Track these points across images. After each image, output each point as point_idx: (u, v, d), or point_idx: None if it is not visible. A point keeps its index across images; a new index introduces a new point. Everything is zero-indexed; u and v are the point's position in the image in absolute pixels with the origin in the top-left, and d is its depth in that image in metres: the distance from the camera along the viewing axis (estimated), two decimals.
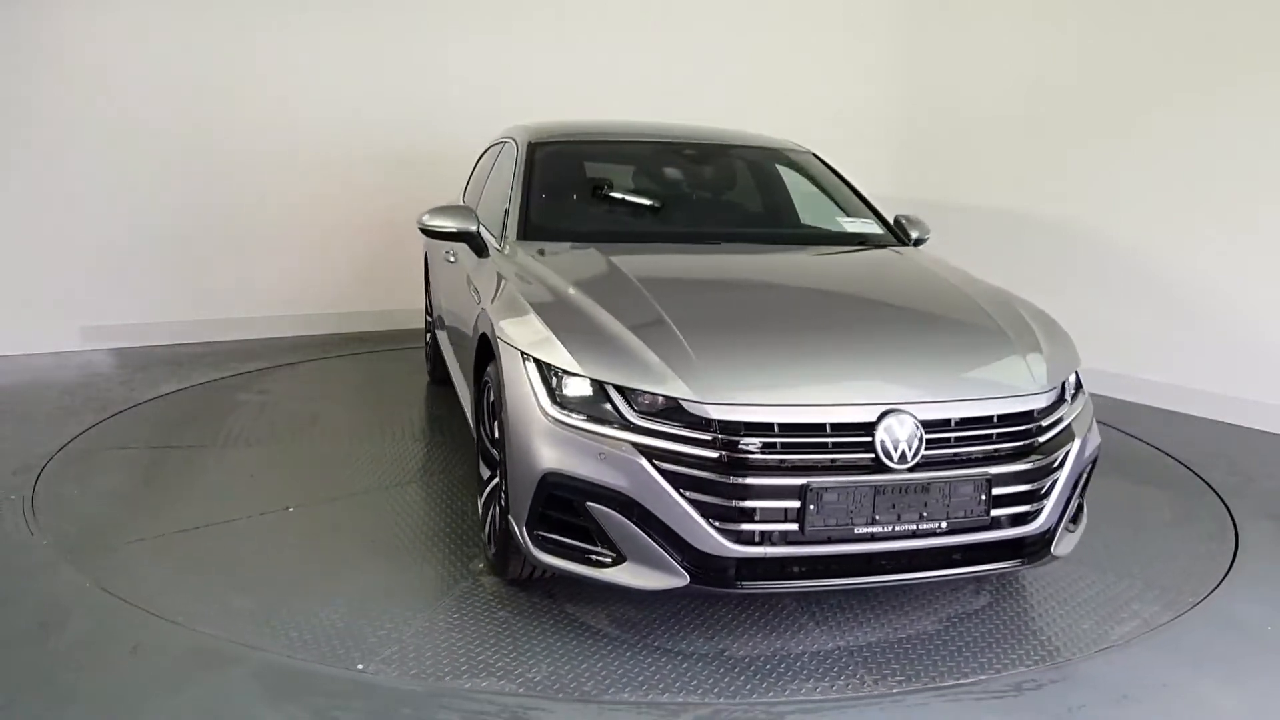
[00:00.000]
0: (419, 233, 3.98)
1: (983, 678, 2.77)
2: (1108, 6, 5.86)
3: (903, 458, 2.63)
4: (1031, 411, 2.84)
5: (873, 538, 2.64)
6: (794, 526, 2.59)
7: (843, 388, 2.74)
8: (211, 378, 5.58)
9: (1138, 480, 4.49)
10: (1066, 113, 6.07)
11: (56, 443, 4.36)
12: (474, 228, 3.83)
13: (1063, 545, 3.02)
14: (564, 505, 2.74)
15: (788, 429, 2.62)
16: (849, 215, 4.26)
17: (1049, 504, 2.84)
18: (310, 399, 5.34)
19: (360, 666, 2.71)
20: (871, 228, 4.18)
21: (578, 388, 2.72)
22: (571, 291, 3.11)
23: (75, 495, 3.85)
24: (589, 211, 4.23)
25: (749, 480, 2.57)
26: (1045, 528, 2.85)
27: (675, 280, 3.42)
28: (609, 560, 2.71)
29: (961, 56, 6.59)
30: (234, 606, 3.02)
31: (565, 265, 3.43)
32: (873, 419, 2.64)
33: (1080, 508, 3.19)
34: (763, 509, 2.58)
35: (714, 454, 2.59)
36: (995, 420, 2.78)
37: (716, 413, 2.60)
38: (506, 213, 3.91)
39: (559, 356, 2.76)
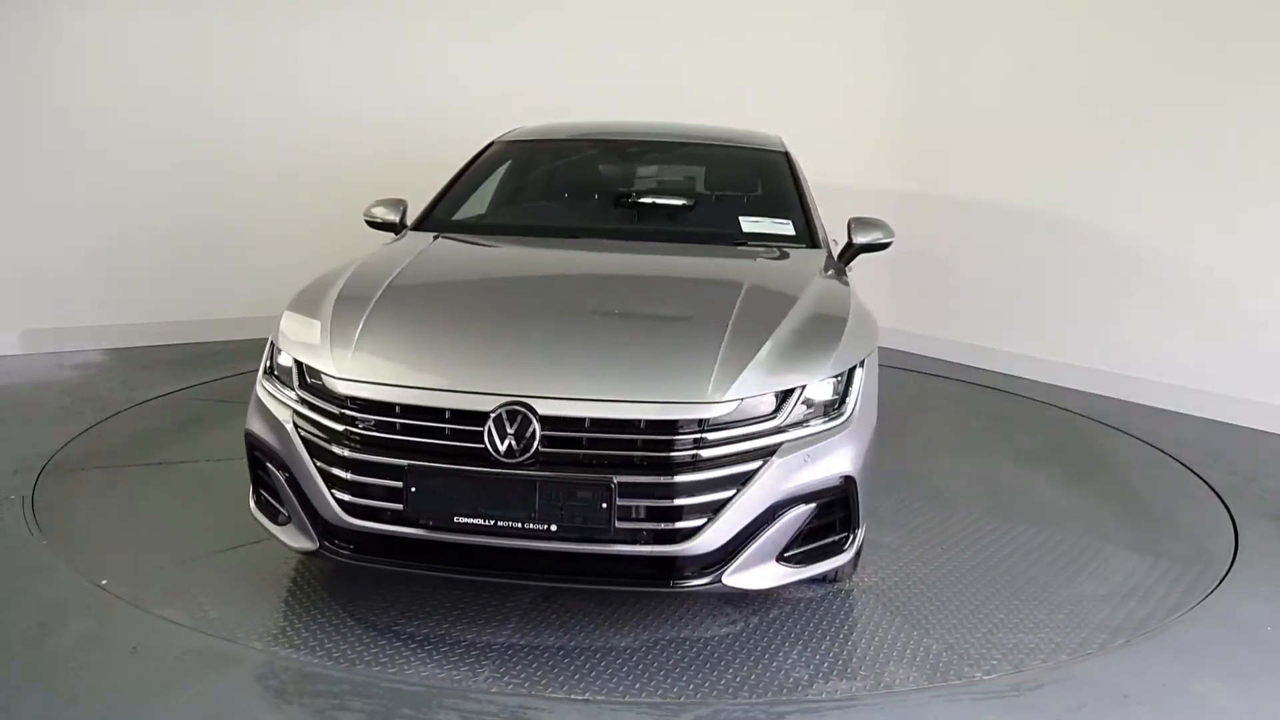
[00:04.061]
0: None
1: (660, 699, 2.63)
2: (1110, 4, 5.86)
3: (510, 452, 2.61)
4: (699, 421, 2.64)
5: (477, 529, 2.62)
6: (400, 506, 2.65)
7: (465, 377, 2.75)
8: (214, 377, 5.57)
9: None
10: (1067, 110, 6.05)
11: (57, 443, 4.36)
12: (396, 218, 4.01)
13: (753, 576, 2.72)
14: (262, 466, 2.96)
15: (409, 411, 2.70)
16: (771, 216, 4.03)
17: (715, 525, 2.62)
18: None
19: (104, 582, 3.11)
20: (783, 229, 3.93)
21: (283, 360, 2.98)
22: (346, 277, 3.30)
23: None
24: (497, 207, 4.34)
25: (359, 455, 2.69)
26: (706, 550, 2.64)
27: (446, 273, 3.55)
28: (282, 519, 2.93)
29: (962, 52, 6.57)
30: (91, 530, 3.51)
31: (385, 254, 3.60)
32: (487, 409, 2.63)
33: (834, 543, 2.86)
34: (371, 485, 2.68)
35: (339, 427, 2.74)
36: (641, 426, 2.64)
37: (345, 388, 2.76)
38: None
39: (275, 331, 3.06)
